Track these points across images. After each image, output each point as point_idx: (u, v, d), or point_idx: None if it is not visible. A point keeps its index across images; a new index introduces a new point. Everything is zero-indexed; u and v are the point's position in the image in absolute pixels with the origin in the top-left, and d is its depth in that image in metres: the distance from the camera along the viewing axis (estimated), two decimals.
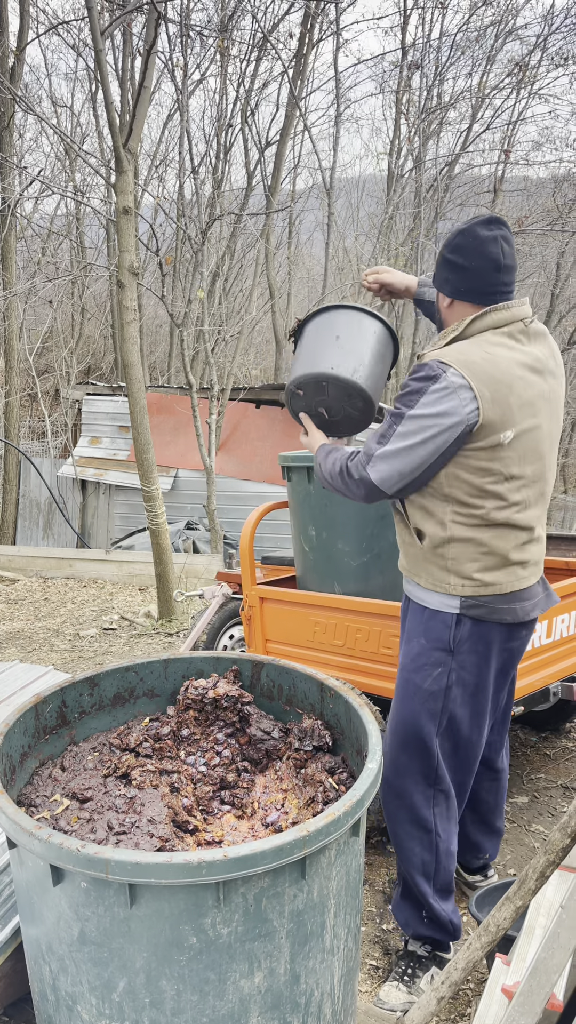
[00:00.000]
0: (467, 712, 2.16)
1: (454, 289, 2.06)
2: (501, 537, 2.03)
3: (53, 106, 15.65)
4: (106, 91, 6.14)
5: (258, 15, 11.16)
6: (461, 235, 2.00)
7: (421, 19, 12.57)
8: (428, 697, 2.13)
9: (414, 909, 2.28)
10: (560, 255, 14.19)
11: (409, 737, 2.17)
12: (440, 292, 2.11)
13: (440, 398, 1.90)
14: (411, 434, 1.94)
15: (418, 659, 2.14)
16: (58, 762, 1.91)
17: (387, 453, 1.97)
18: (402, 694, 2.19)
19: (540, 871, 1.51)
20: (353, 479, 2.06)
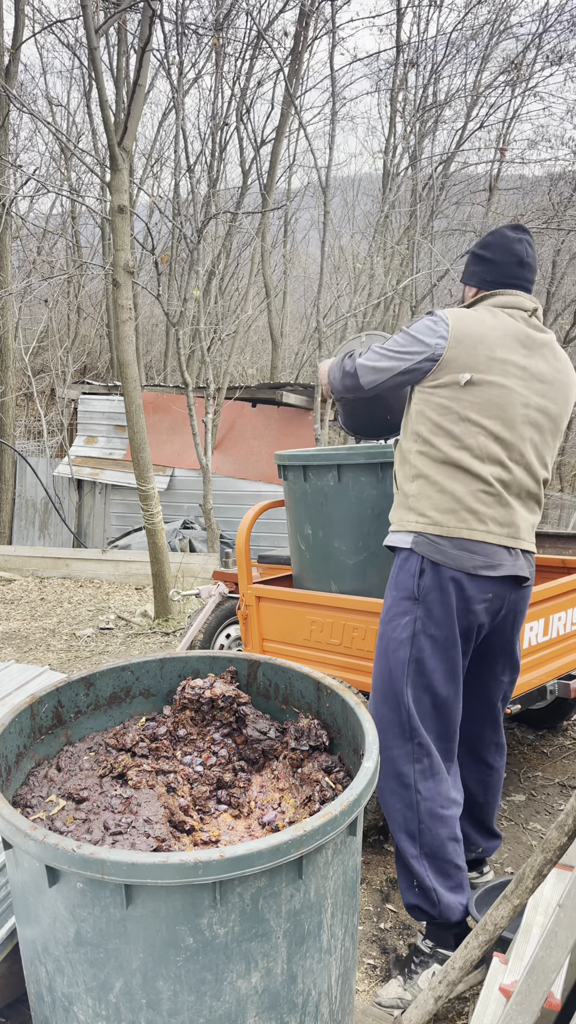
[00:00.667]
0: (439, 665, 2.23)
1: (481, 280, 2.33)
2: (454, 478, 2.20)
3: (48, 105, 15.61)
4: (101, 89, 6.12)
5: (253, 13, 11.13)
6: (491, 235, 2.31)
7: (416, 17, 12.55)
8: (398, 646, 2.25)
9: (405, 875, 2.30)
10: (556, 253, 14.19)
11: (384, 688, 2.28)
12: (467, 286, 2.39)
13: (426, 327, 2.22)
14: (396, 344, 2.27)
15: (390, 611, 2.30)
16: (54, 762, 1.90)
17: (375, 352, 2.32)
18: (379, 647, 2.34)
19: (537, 869, 1.50)
20: (345, 367, 2.39)
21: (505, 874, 2.93)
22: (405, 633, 2.24)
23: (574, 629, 3.39)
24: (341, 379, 2.41)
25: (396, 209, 12.43)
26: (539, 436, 2.26)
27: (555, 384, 2.27)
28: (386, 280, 12.33)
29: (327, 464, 2.99)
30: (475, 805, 2.58)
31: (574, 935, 1.41)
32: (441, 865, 2.25)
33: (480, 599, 2.22)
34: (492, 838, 2.65)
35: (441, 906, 2.23)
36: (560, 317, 14.96)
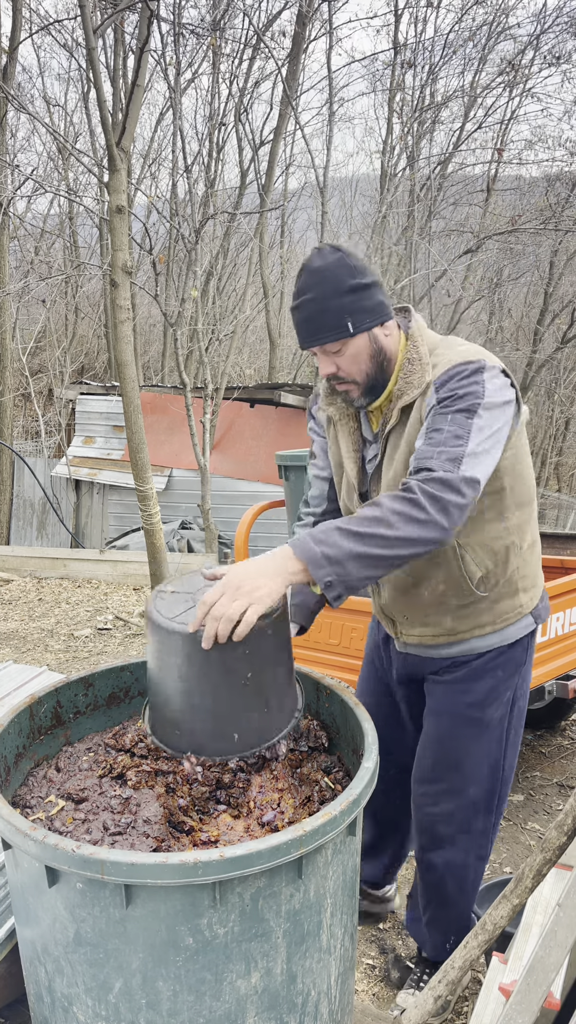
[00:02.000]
0: (523, 714, 2.08)
1: (389, 307, 1.79)
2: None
3: (46, 105, 15.61)
4: (99, 90, 6.12)
5: (250, 13, 11.15)
6: (352, 258, 1.72)
7: (413, 18, 12.56)
8: (499, 725, 2.01)
9: (442, 934, 2.22)
10: (553, 254, 14.22)
11: (479, 771, 2.03)
12: (376, 328, 1.76)
13: (503, 384, 1.72)
14: (489, 425, 1.65)
15: (492, 693, 1.98)
16: (53, 763, 1.90)
17: (477, 450, 1.61)
18: (468, 731, 2.00)
19: (537, 869, 1.50)
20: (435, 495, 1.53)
21: (504, 874, 2.93)
22: (506, 710, 2.02)
23: (572, 629, 3.40)
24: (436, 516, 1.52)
25: (394, 210, 12.44)
26: None
27: None
28: (384, 280, 12.33)
29: None
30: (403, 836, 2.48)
31: (573, 934, 1.41)
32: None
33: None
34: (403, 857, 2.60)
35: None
36: (557, 318, 14.97)
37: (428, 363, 1.77)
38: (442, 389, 1.70)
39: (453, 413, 1.64)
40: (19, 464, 12.30)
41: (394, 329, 1.82)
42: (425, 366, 1.77)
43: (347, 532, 1.48)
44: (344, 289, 1.68)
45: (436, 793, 2.08)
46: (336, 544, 1.46)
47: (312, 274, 1.70)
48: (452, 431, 1.62)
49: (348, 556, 1.46)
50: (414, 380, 1.77)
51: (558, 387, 18.07)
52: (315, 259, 1.71)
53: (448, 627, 1.95)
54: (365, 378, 1.79)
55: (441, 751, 2.05)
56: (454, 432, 1.62)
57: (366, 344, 1.74)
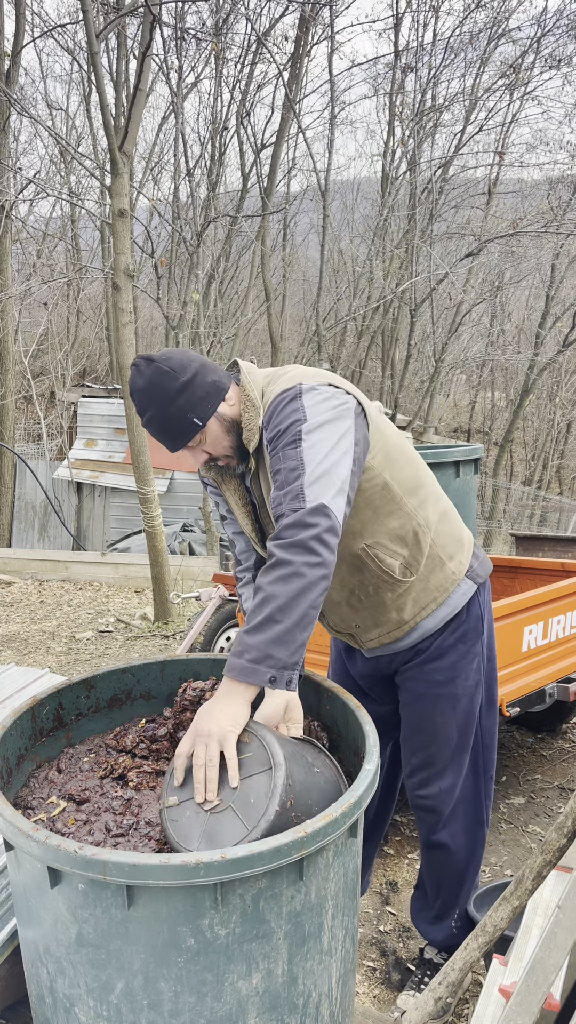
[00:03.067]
0: (494, 675, 2.18)
1: (222, 379, 1.85)
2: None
3: (48, 109, 15.65)
4: (101, 94, 6.14)
5: (252, 18, 11.17)
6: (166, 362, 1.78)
7: (414, 22, 12.58)
8: (473, 692, 2.10)
9: (445, 920, 2.29)
10: (555, 257, 14.22)
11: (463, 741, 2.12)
12: (220, 408, 1.83)
13: (324, 396, 1.76)
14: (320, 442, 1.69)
15: (459, 665, 2.06)
16: (54, 764, 1.90)
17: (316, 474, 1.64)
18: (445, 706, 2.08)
19: (537, 871, 1.51)
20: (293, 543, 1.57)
21: (504, 876, 2.93)
22: (478, 676, 2.10)
23: (573, 632, 3.40)
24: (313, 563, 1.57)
25: (395, 213, 12.46)
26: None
27: None
28: (385, 283, 12.36)
29: None
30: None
31: (573, 936, 1.41)
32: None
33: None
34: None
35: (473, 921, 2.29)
36: (559, 321, 14.98)
37: (259, 405, 1.83)
38: (268, 427, 1.77)
39: (283, 449, 1.70)
40: (21, 467, 12.32)
41: (234, 392, 1.87)
42: (258, 408, 1.83)
43: (252, 630, 1.55)
44: (174, 393, 1.76)
45: (428, 777, 2.15)
46: (251, 646, 1.53)
47: (141, 394, 1.78)
48: (288, 466, 1.67)
49: (267, 646, 1.53)
50: (253, 425, 1.83)
51: (559, 390, 18.07)
52: (137, 380, 1.79)
53: (396, 620, 2.02)
54: (232, 449, 1.87)
55: (425, 734, 2.11)
56: (290, 467, 1.66)
57: (218, 426, 1.83)
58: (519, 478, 19.25)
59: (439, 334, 14.52)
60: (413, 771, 2.18)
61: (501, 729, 4.21)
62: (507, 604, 3.00)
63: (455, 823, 2.18)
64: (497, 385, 20.42)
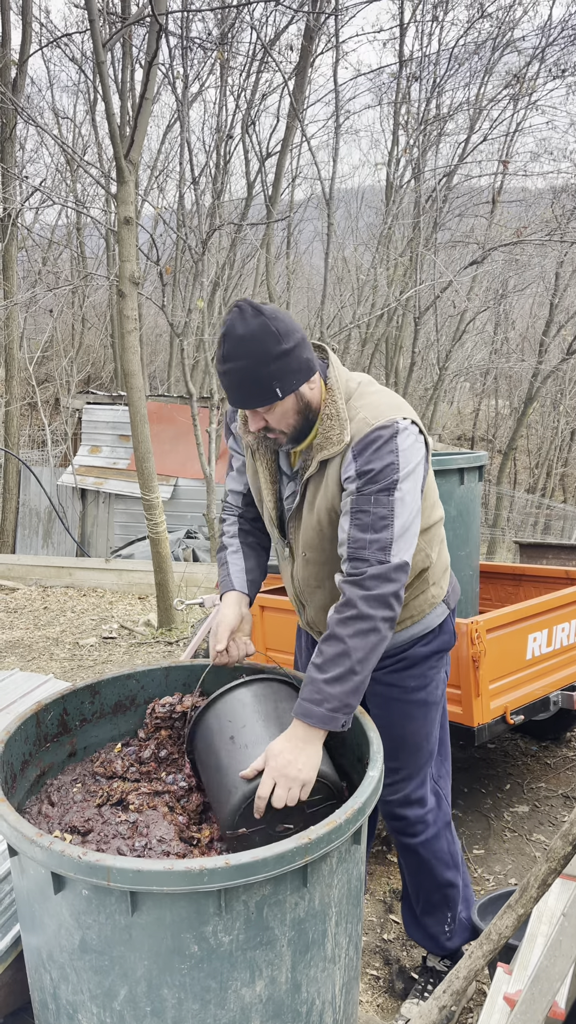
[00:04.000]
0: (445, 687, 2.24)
1: (314, 360, 1.82)
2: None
3: (55, 117, 15.74)
4: (108, 102, 6.18)
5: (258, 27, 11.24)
6: (276, 320, 1.71)
7: (419, 32, 12.64)
8: (435, 704, 2.16)
9: (438, 924, 2.29)
10: (559, 265, 14.25)
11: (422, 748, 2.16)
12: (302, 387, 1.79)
13: (413, 441, 1.81)
14: (409, 493, 1.78)
15: (425, 677, 2.12)
16: (44, 798, 1.87)
17: (403, 529, 1.76)
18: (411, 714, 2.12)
19: (542, 879, 1.50)
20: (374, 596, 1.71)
21: (509, 885, 2.92)
22: (441, 688, 2.19)
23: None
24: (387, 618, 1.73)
25: (399, 221, 12.49)
26: None
27: None
28: (389, 291, 12.38)
29: None
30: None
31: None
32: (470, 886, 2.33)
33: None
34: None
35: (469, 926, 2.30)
36: (563, 329, 14.99)
37: (345, 418, 1.83)
38: (360, 458, 1.78)
39: (376, 494, 1.75)
40: (25, 473, 12.34)
41: (318, 380, 1.86)
42: (343, 422, 1.83)
43: (333, 681, 1.68)
44: (271, 357, 1.70)
45: (395, 783, 2.18)
46: (332, 696, 1.68)
47: (238, 342, 1.70)
48: (377, 513, 1.74)
49: (346, 697, 1.69)
50: (333, 437, 1.83)
51: (563, 398, 18.07)
52: (238, 325, 1.70)
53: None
54: (292, 430, 1.84)
55: (393, 741, 2.12)
56: (379, 514, 1.74)
57: (293, 403, 1.80)
58: (523, 486, 19.23)
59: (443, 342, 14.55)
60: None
61: (505, 738, 4.20)
62: (511, 612, 2.99)
63: (426, 829, 2.21)
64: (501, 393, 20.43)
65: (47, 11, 16.54)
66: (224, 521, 2.25)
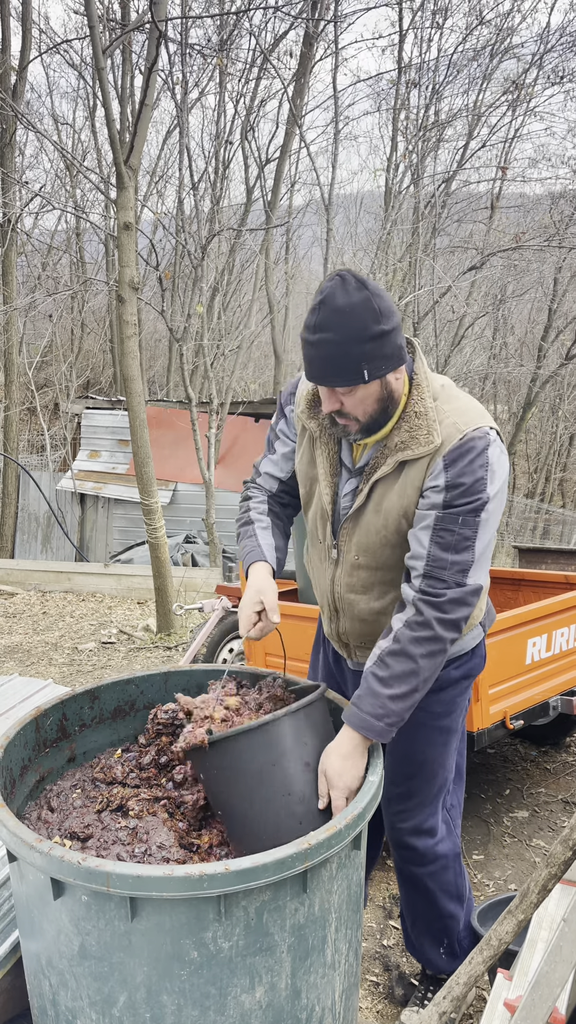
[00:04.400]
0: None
1: (405, 349, 1.72)
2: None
3: (54, 123, 15.78)
4: (107, 109, 6.20)
5: (257, 34, 11.28)
6: (378, 298, 1.61)
7: (417, 39, 12.69)
8: (456, 730, 2.08)
9: (434, 946, 2.24)
10: (557, 271, 14.27)
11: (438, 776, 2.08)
12: (389, 376, 1.70)
13: (500, 453, 1.73)
14: (493, 513, 1.72)
15: (454, 702, 2.05)
16: (43, 803, 1.86)
17: (483, 552, 1.73)
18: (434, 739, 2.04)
19: (542, 884, 1.50)
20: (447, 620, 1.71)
21: (508, 890, 2.91)
22: (463, 714, 2.09)
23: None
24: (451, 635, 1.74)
25: (398, 226, 12.52)
26: None
27: None
28: None
29: None
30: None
31: None
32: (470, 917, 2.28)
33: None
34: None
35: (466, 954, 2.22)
36: (561, 334, 15.02)
37: (435, 420, 1.73)
38: (451, 469, 1.69)
39: (464, 514, 1.69)
40: (24, 478, 12.34)
41: (403, 372, 1.76)
42: (432, 423, 1.72)
43: (397, 696, 1.70)
44: (367, 336, 1.59)
45: (407, 810, 2.09)
46: (393, 712, 1.70)
47: (335, 313, 1.58)
48: (463, 533, 1.69)
49: (404, 713, 1.73)
50: (420, 438, 1.72)
51: (562, 403, 18.09)
52: (339, 295, 1.59)
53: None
54: (368, 419, 1.73)
55: (412, 765, 2.05)
56: (464, 535, 1.69)
57: (377, 389, 1.69)
58: (522, 491, 19.24)
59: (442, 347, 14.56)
60: (391, 801, 2.12)
61: (505, 743, 4.19)
62: (510, 617, 2.99)
63: (435, 860, 2.12)
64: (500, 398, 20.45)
65: (46, 17, 16.66)
66: (250, 498, 2.11)
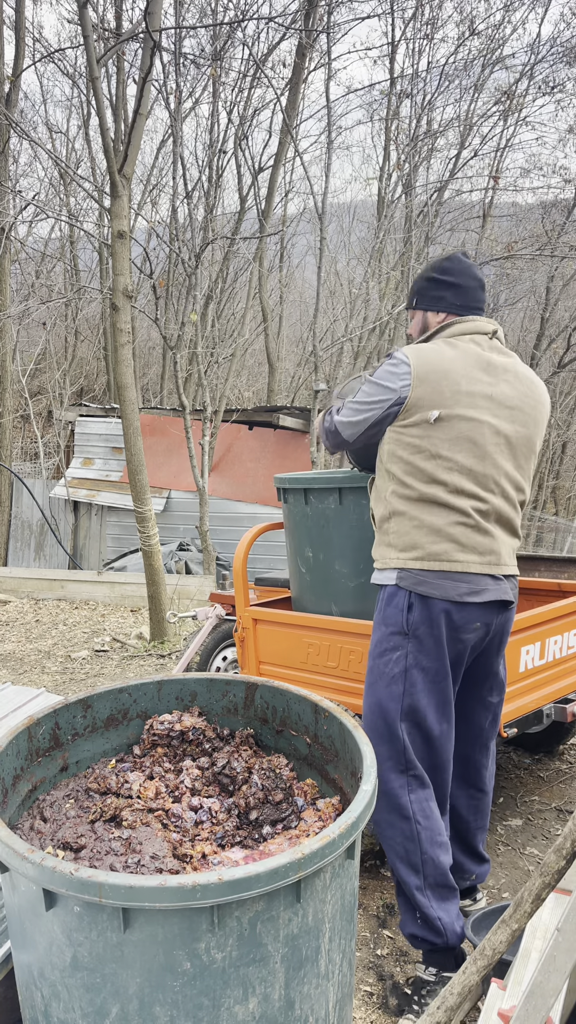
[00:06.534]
0: (431, 700, 2.23)
1: (450, 305, 2.35)
2: (432, 512, 2.22)
3: (48, 132, 15.81)
4: (102, 118, 6.21)
5: (250, 43, 11.33)
6: (448, 260, 2.37)
7: (409, 50, 12.76)
8: (390, 681, 2.24)
9: (407, 906, 2.29)
10: (549, 279, 14.35)
11: (377, 721, 2.27)
12: (432, 312, 2.40)
13: (387, 372, 2.24)
14: (364, 395, 2.29)
15: (379, 644, 2.29)
16: (36, 813, 1.86)
17: (348, 407, 2.36)
18: (369, 680, 2.32)
19: (536, 894, 1.50)
20: (327, 426, 2.47)
21: (501, 899, 2.91)
22: (397, 668, 2.24)
23: (570, 652, 3.40)
24: (327, 437, 2.48)
25: (391, 235, 12.57)
26: (513, 462, 2.27)
27: (523, 408, 2.28)
28: (381, 305, 12.44)
29: (329, 487, 3.01)
30: (467, 831, 2.57)
31: (573, 959, 1.40)
32: (443, 892, 2.26)
33: (468, 627, 2.23)
34: (483, 863, 2.63)
35: (447, 933, 2.23)
36: (554, 343, 15.08)
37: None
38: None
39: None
40: (18, 485, 12.31)
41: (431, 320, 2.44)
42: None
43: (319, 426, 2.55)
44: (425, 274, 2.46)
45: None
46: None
47: (442, 260, 2.42)
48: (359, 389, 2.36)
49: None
50: None
51: (554, 411, 18.15)
52: (449, 257, 2.41)
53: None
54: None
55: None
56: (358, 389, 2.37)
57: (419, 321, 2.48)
58: None
59: None
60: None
61: (498, 751, 4.19)
62: None
63: (378, 812, 2.27)
64: None
65: (40, 26, 16.65)
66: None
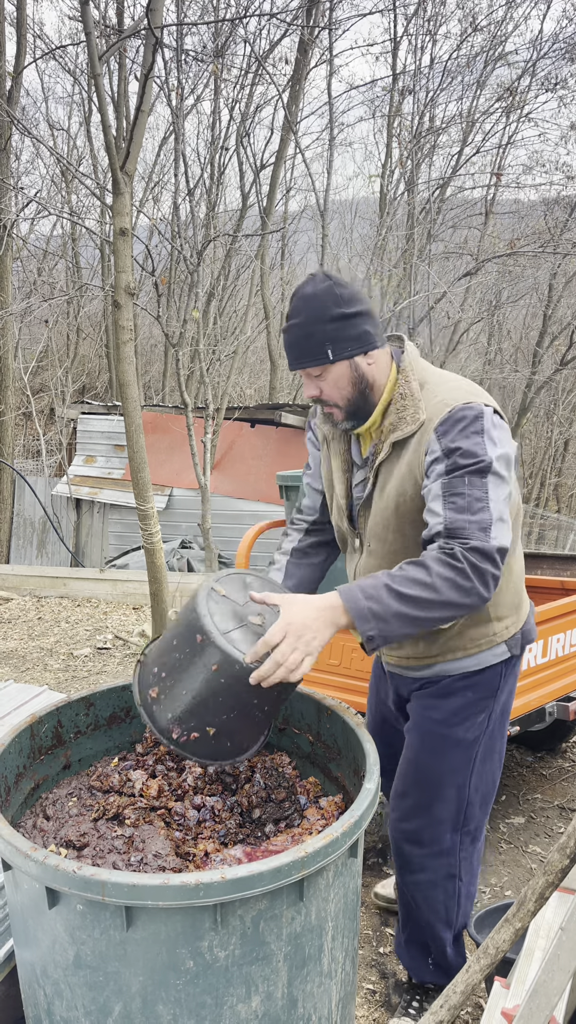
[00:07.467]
0: (500, 743, 2.10)
1: (376, 336, 1.82)
2: (517, 558, 2.00)
3: (50, 129, 15.79)
4: (103, 115, 6.20)
5: (251, 40, 11.31)
6: (341, 287, 1.76)
7: (411, 46, 12.73)
8: (468, 745, 2.01)
9: (421, 955, 2.21)
10: (552, 276, 14.31)
11: (444, 789, 2.03)
12: (358, 356, 1.80)
13: (501, 428, 1.75)
14: (502, 480, 1.70)
15: (461, 712, 2.00)
16: (39, 811, 1.86)
17: (498, 522, 1.66)
18: (435, 746, 2.02)
19: (539, 892, 1.50)
20: (477, 566, 1.61)
21: (505, 898, 2.91)
22: (479, 731, 2.01)
23: (573, 651, 3.40)
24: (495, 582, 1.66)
25: (393, 232, 12.55)
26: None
27: None
28: (383, 302, 12.42)
29: None
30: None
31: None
32: (460, 940, 2.21)
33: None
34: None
35: (453, 972, 2.17)
36: (556, 340, 15.06)
37: (420, 399, 1.81)
38: (445, 438, 1.72)
39: (470, 475, 1.68)
40: (20, 483, 12.32)
41: (381, 358, 1.85)
42: (417, 402, 1.81)
43: (395, 592, 1.58)
44: (327, 318, 1.74)
45: (405, 809, 2.10)
46: (383, 602, 1.57)
47: (301, 300, 1.77)
48: (472, 495, 1.67)
49: (392, 615, 1.58)
50: (407, 416, 1.81)
51: (557, 408, 18.13)
52: (307, 285, 1.78)
53: (421, 651, 2.00)
54: (347, 403, 1.84)
55: (410, 767, 2.07)
56: (475, 496, 1.67)
57: (346, 371, 1.80)
58: None
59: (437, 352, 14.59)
60: (394, 795, 2.13)
61: None
62: None
63: (422, 870, 2.09)
64: None
65: (41, 23, 16.65)
66: (286, 536, 2.20)
